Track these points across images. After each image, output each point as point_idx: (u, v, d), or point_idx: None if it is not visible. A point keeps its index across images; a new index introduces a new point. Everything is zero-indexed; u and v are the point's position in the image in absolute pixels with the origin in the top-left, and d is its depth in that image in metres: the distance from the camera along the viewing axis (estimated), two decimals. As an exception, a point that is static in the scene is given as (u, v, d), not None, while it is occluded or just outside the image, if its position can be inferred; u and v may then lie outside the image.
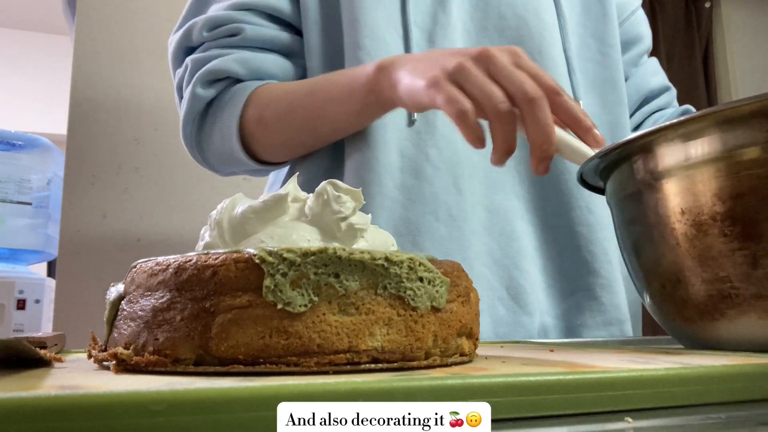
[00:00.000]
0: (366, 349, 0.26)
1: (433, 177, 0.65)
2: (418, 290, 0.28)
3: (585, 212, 0.68)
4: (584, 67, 0.75)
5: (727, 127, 0.35)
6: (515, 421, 0.21)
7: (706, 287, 0.36)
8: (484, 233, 0.66)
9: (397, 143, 0.66)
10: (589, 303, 0.67)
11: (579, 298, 0.68)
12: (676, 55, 2.52)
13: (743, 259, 0.34)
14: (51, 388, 0.20)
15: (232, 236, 0.33)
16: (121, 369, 0.27)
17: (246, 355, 0.25)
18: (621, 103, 0.77)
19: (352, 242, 0.33)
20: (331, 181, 0.33)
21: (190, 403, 0.18)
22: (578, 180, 0.50)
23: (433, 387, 0.20)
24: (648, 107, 0.84)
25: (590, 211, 0.68)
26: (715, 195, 0.35)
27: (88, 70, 1.23)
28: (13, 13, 3.36)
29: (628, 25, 0.84)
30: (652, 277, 0.41)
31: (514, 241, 0.67)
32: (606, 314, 0.68)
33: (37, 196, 1.50)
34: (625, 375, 0.23)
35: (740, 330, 0.36)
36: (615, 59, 0.77)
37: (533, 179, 0.69)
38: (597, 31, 0.77)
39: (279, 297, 0.26)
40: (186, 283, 0.27)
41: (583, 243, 0.68)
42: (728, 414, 0.22)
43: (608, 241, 0.69)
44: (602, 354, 0.34)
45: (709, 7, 2.58)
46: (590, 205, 0.69)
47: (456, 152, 0.66)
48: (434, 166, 0.65)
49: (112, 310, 0.30)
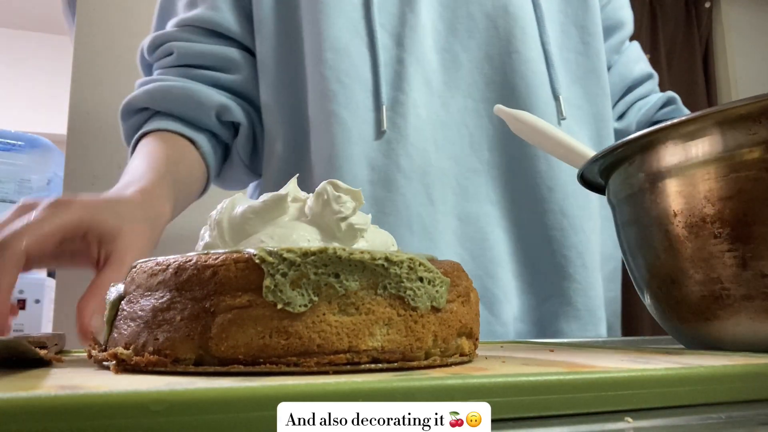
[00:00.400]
0: (366, 349, 0.26)
1: (405, 188, 0.64)
2: (418, 290, 0.28)
3: (558, 216, 0.67)
4: (566, 59, 0.73)
5: (721, 128, 0.35)
6: (515, 421, 0.21)
7: (699, 288, 0.36)
8: (456, 244, 0.65)
9: (366, 156, 0.64)
10: (564, 309, 0.66)
11: (554, 304, 0.67)
12: (676, 55, 2.52)
13: (733, 260, 0.34)
14: (51, 388, 0.20)
15: (232, 236, 0.33)
16: (121, 369, 0.27)
17: (246, 355, 0.25)
18: (605, 93, 0.75)
19: (352, 242, 0.33)
20: (331, 181, 0.33)
21: (190, 403, 0.18)
22: (579, 180, 0.50)
23: (433, 387, 0.20)
24: (631, 96, 0.83)
25: (564, 214, 0.67)
26: (705, 197, 0.35)
27: (88, 70, 1.23)
28: (13, 13, 3.36)
29: (610, 10, 0.82)
30: (650, 278, 0.41)
31: (487, 249, 0.65)
32: (581, 319, 0.67)
33: (37, 196, 1.50)
34: (625, 375, 0.23)
35: (732, 330, 0.36)
36: (597, 48, 0.75)
37: (506, 184, 0.68)
38: (578, 18, 0.75)
39: (279, 297, 0.26)
40: (186, 283, 0.27)
41: (557, 247, 0.67)
42: (728, 414, 0.22)
43: (583, 244, 0.67)
44: (602, 354, 0.34)
45: (709, 7, 2.58)
46: (564, 209, 0.67)
47: (428, 160, 0.65)
48: (406, 177, 0.64)
49: (112, 310, 0.30)
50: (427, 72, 0.67)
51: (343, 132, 0.64)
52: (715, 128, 0.35)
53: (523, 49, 0.69)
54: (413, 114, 0.65)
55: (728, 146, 0.35)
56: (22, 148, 1.52)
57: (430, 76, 0.67)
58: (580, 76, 0.74)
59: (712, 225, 0.35)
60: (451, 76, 0.68)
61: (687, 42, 2.54)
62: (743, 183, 0.34)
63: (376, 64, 0.66)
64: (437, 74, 0.68)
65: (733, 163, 0.34)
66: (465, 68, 0.69)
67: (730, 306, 0.35)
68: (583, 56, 0.74)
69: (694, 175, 0.36)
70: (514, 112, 0.55)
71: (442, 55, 0.69)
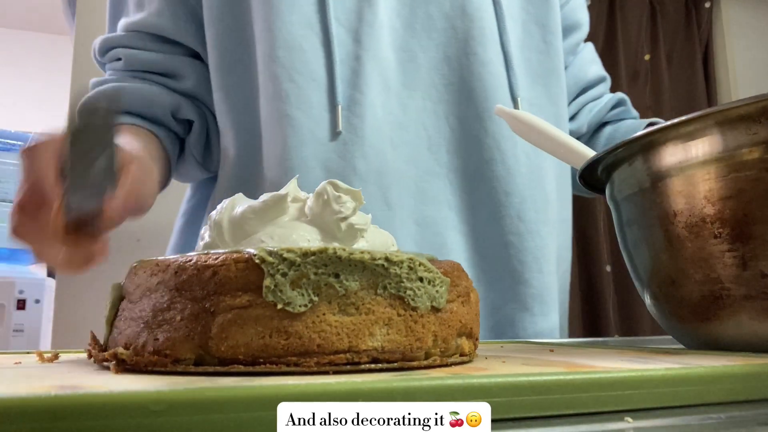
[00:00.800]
0: (366, 349, 0.26)
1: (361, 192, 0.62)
2: (418, 290, 0.28)
3: (515, 221, 0.66)
4: (528, 58, 0.72)
5: (721, 128, 0.35)
6: (515, 421, 0.21)
7: (699, 288, 0.36)
8: (414, 248, 0.64)
9: (320, 158, 0.62)
10: (521, 315, 0.66)
11: (510, 310, 0.66)
12: (676, 55, 2.52)
13: (733, 260, 0.34)
14: (51, 388, 0.20)
15: (232, 236, 0.33)
16: (121, 369, 0.27)
17: (246, 355, 0.25)
18: (563, 93, 0.75)
19: (352, 242, 0.33)
20: (331, 182, 0.33)
21: (190, 403, 0.18)
22: (579, 180, 0.50)
23: (433, 387, 0.20)
24: (583, 97, 0.82)
25: (521, 219, 0.67)
26: (705, 197, 0.35)
27: (88, 70, 1.23)
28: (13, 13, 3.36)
29: (568, 10, 0.80)
30: (650, 278, 0.41)
31: (445, 255, 0.64)
32: (537, 325, 0.67)
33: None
34: (625, 375, 0.23)
35: (732, 330, 0.36)
36: (557, 47, 0.74)
37: (464, 187, 0.67)
38: (540, 17, 0.74)
39: (279, 297, 0.26)
40: (186, 283, 0.27)
41: (514, 252, 0.66)
42: (728, 414, 0.22)
43: (539, 249, 0.67)
44: (602, 354, 0.34)
45: (709, 7, 2.58)
46: (521, 214, 0.67)
47: (385, 162, 0.63)
48: (362, 179, 0.62)
49: (112, 310, 0.30)
50: (384, 71, 0.65)
51: (295, 133, 0.61)
52: (715, 128, 0.35)
53: (481, 51, 0.68)
54: (371, 114, 0.63)
55: (728, 146, 0.34)
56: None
57: (388, 75, 0.65)
58: (541, 75, 0.73)
59: (712, 225, 0.35)
60: (409, 76, 0.66)
61: (687, 42, 2.54)
62: (743, 183, 0.34)
63: (332, 62, 0.63)
64: (395, 73, 0.66)
65: (733, 163, 0.34)
66: (423, 68, 0.67)
67: (730, 306, 0.35)
68: (544, 55, 0.73)
69: (694, 175, 0.36)
70: (514, 113, 0.55)
71: (399, 54, 0.67)
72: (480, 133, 0.67)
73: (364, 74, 0.64)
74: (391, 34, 0.66)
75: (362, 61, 0.64)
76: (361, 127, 0.63)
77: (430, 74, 0.67)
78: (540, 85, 0.72)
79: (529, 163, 0.68)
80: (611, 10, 2.42)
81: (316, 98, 0.63)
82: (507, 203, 0.67)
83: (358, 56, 0.64)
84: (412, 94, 0.66)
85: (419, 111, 0.67)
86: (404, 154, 0.65)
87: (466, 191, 0.67)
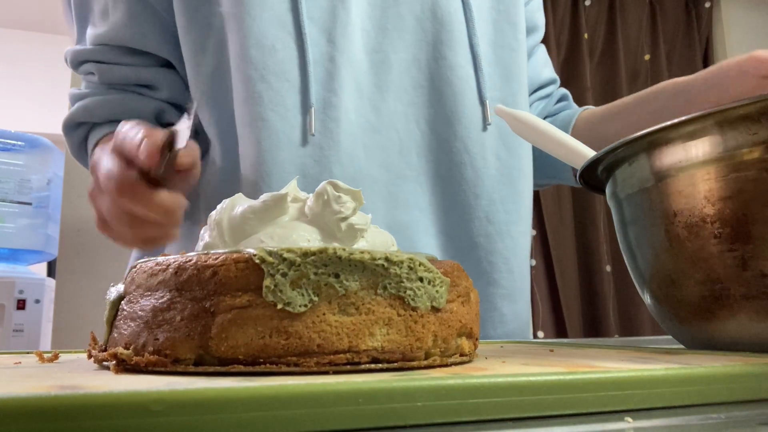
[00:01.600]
0: (366, 349, 0.26)
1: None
2: (418, 290, 0.28)
3: (484, 222, 0.67)
4: (501, 56, 0.72)
5: (721, 128, 0.35)
6: (515, 421, 0.21)
7: (699, 288, 0.36)
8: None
9: (296, 162, 0.61)
10: (491, 315, 0.67)
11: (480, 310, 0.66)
12: (676, 55, 2.52)
13: (733, 260, 0.34)
14: (51, 388, 0.20)
15: (232, 236, 0.33)
16: (121, 369, 0.27)
17: (246, 355, 0.25)
18: (526, 90, 0.75)
19: (352, 242, 0.33)
20: (331, 182, 0.33)
21: (190, 403, 0.18)
22: (578, 180, 0.50)
23: (433, 387, 0.20)
24: (533, 96, 0.83)
25: (489, 221, 0.67)
26: (705, 197, 0.35)
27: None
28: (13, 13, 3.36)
29: (527, 12, 0.80)
30: (650, 278, 0.41)
31: None
32: (507, 325, 0.67)
33: (37, 196, 1.50)
34: (625, 375, 0.23)
35: (733, 330, 0.36)
36: (524, 46, 0.75)
37: (435, 190, 0.67)
38: (510, 15, 0.73)
39: (279, 297, 0.26)
40: (186, 283, 0.27)
41: (483, 254, 0.67)
42: (728, 414, 0.22)
43: (509, 250, 0.68)
44: (602, 354, 0.34)
45: (709, 7, 2.58)
46: (489, 216, 0.67)
47: (359, 168, 0.63)
48: None
49: (112, 310, 0.30)
50: (357, 72, 0.64)
51: (270, 136, 0.60)
52: (715, 128, 0.35)
53: (450, 54, 0.67)
54: (345, 118, 0.62)
55: (728, 146, 0.34)
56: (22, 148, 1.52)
57: (361, 77, 0.65)
58: (514, 72, 0.72)
59: (712, 225, 0.35)
60: (381, 78, 0.66)
61: (687, 42, 2.54)
62: (743, 183, 0.34)
63: (305, 62, 0.62)
64: (367, 75, 0.65)
65: (733, 163, 0.34)
66: (395, 70, 0.66)
67: (730, 306, 0.35)
68: (516, 53, 0.73)
69: (694, 175, 0.36)
70: (514, 113, 0.55)
71: (371, 55, 0.66)
72: (449, 137, 0.67)
73: (338, 76, 0.63)
74: (363, 36, 0.66)
75: (336, 62, 0.63)
76: (336, 131, 0.62)
77: (401, 76, 0.67)
78: (509, 85, 0.72)
79: (500, 165, 0.69)
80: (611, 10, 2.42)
81: (291, 100, 0.62)
82: (476, 205, 0.67)
83: (332, 57, 0.63)
84: (384, 96, 0.66)
85: (391, 114, 0.66)
86: (377, 158, 0.65)
87: (437, 194, 0.67)
